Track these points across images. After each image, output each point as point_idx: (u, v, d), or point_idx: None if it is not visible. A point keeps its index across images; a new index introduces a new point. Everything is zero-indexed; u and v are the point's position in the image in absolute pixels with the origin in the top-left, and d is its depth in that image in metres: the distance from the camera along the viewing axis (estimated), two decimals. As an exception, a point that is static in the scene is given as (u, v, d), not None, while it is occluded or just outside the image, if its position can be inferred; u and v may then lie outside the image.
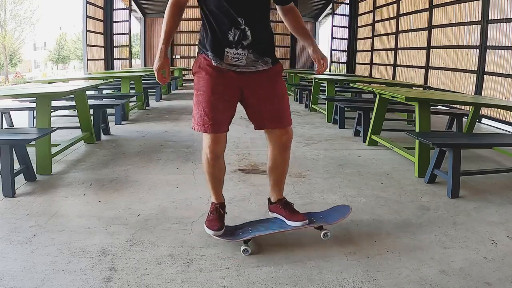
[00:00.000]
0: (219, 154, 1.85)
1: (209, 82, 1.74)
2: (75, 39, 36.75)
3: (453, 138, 3.12)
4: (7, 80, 24.78)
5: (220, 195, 2.02)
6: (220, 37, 1.70)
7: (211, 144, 1.79)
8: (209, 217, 1.97)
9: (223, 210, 1.99)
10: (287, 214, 1.96)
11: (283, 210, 1.98)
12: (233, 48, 1.71)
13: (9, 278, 1.60)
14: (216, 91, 1.74)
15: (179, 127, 5.10)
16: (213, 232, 1.89)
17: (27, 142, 2.68)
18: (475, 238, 2.07)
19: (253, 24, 1.70)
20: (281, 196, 2.02)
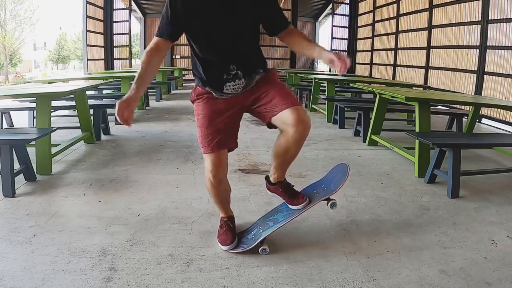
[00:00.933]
0: (221, 177, 1.81)
1: (208, 105, 1.76)
2: (75, 39, 36.74)
3: (453, 138, 3.12)
4: (7, 80, 24.78)
5: (229, 210, 2.02)
6: (216, 77, 1.71)
7: (213, 168, 1.75)
8: (219, 232, 1.95)
9: (232, 223, 1.98)
10: (287, 198, 1.93)
11: (283, 193, 1.94)
12: (230, 82, 1.71)
13: (9, 278, 1.60)
14: (216, 112, 1.75)
15: (179, 127, 5.10)
16: (227, 247, 1.87)
17: (27, 142, 2.68)
18: (475, 238, 2.07)
19: (244, 66, 1.71)
20: (282, 178, 1.94)
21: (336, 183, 1.91)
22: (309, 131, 1.73)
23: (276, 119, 1.72)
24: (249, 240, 1.90)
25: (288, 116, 1.67)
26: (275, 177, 1.93)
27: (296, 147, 1.75)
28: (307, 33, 12.19)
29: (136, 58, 24.53)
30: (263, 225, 1.94)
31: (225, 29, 1.62)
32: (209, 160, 1.75)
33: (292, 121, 1.66)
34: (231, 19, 1.61)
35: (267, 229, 1.89)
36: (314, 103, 6.74)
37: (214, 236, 2.00)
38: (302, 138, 1.72)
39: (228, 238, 1.88)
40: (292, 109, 1.67)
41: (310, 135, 4.97)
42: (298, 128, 1.67)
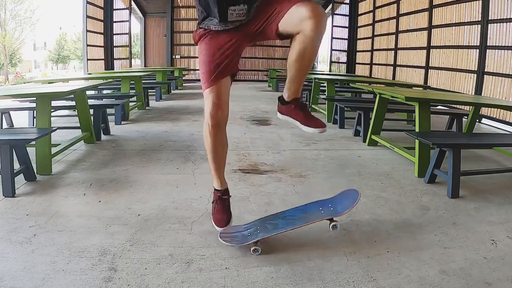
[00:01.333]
0: (221, 121, 1.73)
1: (210, 42, 1.70)
2: (75, 39, 36.75)
3: (453, 138, 3.12)
4: (7, 80, 24.79)
5: (223, 179, 1.93)
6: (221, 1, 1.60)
7: (213, 107, 1.68)
8: (214, 209, 1.91)
9: (226, 197, 1.92)
10: (302, 117, 1.70)
11: (299, 112, 1.70)
12: (235, 6, 1.60)
13: (9, 278, 1.60)
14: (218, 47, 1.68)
15: (179, 127, 5.10)
16: (222, 229, 1.86)
17: (27, 142, 2.68)
18: (475, 238, 2.07)
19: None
20: (298, 95, 1.72)
21: (343, 207, 1.89)
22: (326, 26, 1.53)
23: (284, 21, 1.55)
24: (244, 237, 1.90)
25: (299, 10, 1.49)
26: (289, 93, 1.71)
27: (313, 45, 1.53)
28: (307, 33, 11.90)
29: (136, 58, 24.52)
30: (262, 227, 1.94)
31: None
32: (209, 98, 1.69)
33: (305, 13, 1.46)
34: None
35: (265, 232, 1.88)
36: (314, 103, 6.74)
37: (214, 236, 2.00)
38: (319, 31, 1.49)
39: (223, 217, 1.85)
40: (301, 4, 1.49)
41: (310, 135, 4.96)
42: (314, 20, 1.45)
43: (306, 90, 7.36)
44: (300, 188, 2.81)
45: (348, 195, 1.97)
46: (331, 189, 2.78)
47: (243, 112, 6.43)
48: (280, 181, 2.95)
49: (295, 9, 1.50)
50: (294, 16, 1.51)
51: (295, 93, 1.71)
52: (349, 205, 1.87)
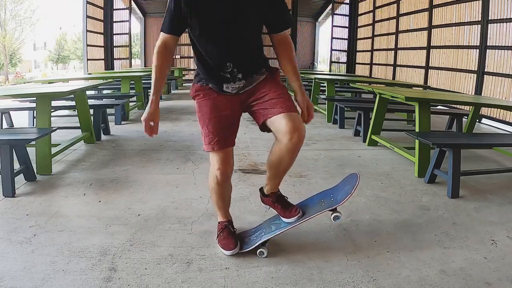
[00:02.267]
0: (229, 174, 1.79)
1: (209, 103, 1.74)
2: (75, 39, 36.73)
3: (453, 138, 3.12)
4: (7, 80, 24.79)
5: (228, 213, 1.99)
6: (214, 74, 1.70)
7: (221, 165, 1.73)
8: (220, 237, 1.90)
9: (232, 227, 1.95)
10: (280, 210, 1.87)
11: (277, 205, 1.88)
12: (230, 83, 1.70)
13: (9, 278, 1.60)
14: (217, 109, 1.72)
15: (179, 127, 5.10)
16: (231, 252, 1.84)
17: (27, 142, 2.68)
18: (475, 238, 2.07)
19: (241, 64, 1.68)
20: (275, 190, 1.89)
21: (343, 194, 1.81)
22: (303, 141, 1.68)
23: (270, 122, 1.68)
24: (251, 241, 1.89)
25: (282, 123, 1.61)
26: (268, 188, 1.89)
27: (290, 157, 1.69)
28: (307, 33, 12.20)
29: (136, 58, 24.52)
30: (267, 228, 1.93)
31: (224, 26, 1.59)
32: (215, 158, 1.73)
33: (286, 128, 1.60)
34: (231, 16, 1.58)
35: (269, 232, 1.87)
36: (314, 103, 6.74)
37: (214, 236, 2.00)
38: (295, 148, 1.66)
39: (231, 242, 1.85)
40: (288, 115, 1.62)
41: (310, 135, 4.98)
42: (292, 137, 1.61)
43: (306, 90, 7.36)
44: (300, 188, 2.81)
45: (348, 181, 1.89)
46: (331, 189, 2.78)
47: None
48: (280, 181, 2.95)
49: (280, 120, 1.63)
50: (277, 125, 1.64)
51: (272, 188, 1.88)
52: (349, 191, 1.78)
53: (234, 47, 1.65)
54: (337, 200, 1.81)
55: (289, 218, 1.83)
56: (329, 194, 1.91)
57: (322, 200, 1.89)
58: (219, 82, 1.70)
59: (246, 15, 1.62)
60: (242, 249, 1.86)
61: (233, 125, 1.78)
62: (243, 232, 2.02)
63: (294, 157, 1.72)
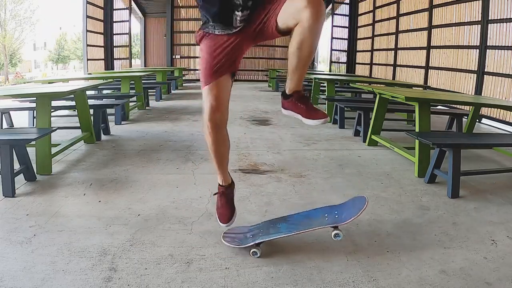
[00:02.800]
0: (219, 122, 1.72)
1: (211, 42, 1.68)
2: (75, 39, 36.74)
3: (453, 138, 3.12)
4: (7, 80, 24.78)
5: (226, 173, 1.91)
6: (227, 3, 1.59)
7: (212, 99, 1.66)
8: (217, 204, 1.89)
9: (231, 193, 1.91)
10: (303, 111, 1.64)
11: (299, 105, 1.65)
12: (239, 11, 1.59)
13: (9, 278, 1.60)
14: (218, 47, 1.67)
15: (179, 127, 5.10)
16: (224, 225, 1.85)
17: (27, 142, 2.68)
18: (475, 238, 2.07)
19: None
20: (299, 87, 1.67)
21: (349, 214, 1.79)
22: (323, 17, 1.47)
23: (282, 15, 1.51)
24: (246, 238, 1.90)
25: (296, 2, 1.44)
26: (291, 86, 1.66)
27: (312, 35, 1.47)
28: (307, 33, 11.90)
29: (136, 58, 24.52)
30: (265, 229, 1.93)
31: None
32: (208, 99, 1.67)
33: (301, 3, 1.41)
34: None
35: (266, 235, 1.87)
36: (314, 103, 6.74)
37: (214, 236, 2.00)
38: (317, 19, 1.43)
39: (227, 212, 1.82)
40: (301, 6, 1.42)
41: (310, 135, 4.96)
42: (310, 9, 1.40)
43: (306, 90, 7.35)
44: (300, 188, 2.81)
45: (356, 202, 1.87)
46: (331, 189, 2.78)
47: (243, 112, 6.43)
48: (280, 181, 2.95)
49: (291, 3, 1.47)
50: (291, 8, 1.46)
51: (296, 86, 1.66)
52: (354, 213, 1.77)
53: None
54: (341, 218, 1.80)
55: (312, 120, 1.61)
56: (334, 210, 1.89)
57: (326, 215, 1.88)
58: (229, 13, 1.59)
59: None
60: (233, 244, 1.86)
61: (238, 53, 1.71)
62: (240, 227, 2.02)
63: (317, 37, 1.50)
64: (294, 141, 4.36)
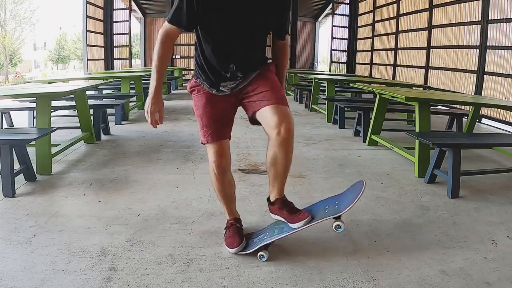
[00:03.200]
0: (225, 167, 1.82)
1: (204, 97, 1.76)
2: (75, 39, 36.73)
3: (453, 138, 3.12)
4: (7, 80, 24.78)
5: (234, 211, 1.98)
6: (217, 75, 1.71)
7: (216, 157, 1.77)
8: (226, 234, 1.91)
9: (239, 224, 1.93)
10: (286, 216, 1.78)
11: (283, 211, 1.78)
12: (227, 82, 1.72)
13: (9, 278, 1.60)
14: (212, 104, 1.76)
15: (179, 127, 5.10)
16: (235, 250, 1.83)
17: (27, 142, 2.68)
18: (475, 238, 2.07)
19: (243, 66, 1.71)
20: (280, 195, 1.80)
21: (347, 202, 1.76)
22: (293, 134, 1.64)
23: (259, 115, 1.68)
24: (254, 243, 1.88)
25: (269, 115, 1.61)
26: (274, 194, 1.81)
27: (283, 153, 1.64)
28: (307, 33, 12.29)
29: (136, 58, 24.51)
30: (270, 231, 1.90)
31: (238, 28, 1.61)
32: (211, 150, 1.77)
33: (273, 122, 1.59)
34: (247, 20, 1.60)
35: (271, 236, 1.85)
36: (314, 103, 6.74)
37: (214, 236, 2.00)
38: (286, 141, 1.62)
39: (235, 240, 1.84)
40: (275, 108, 1.60)
41: (310, 135, 4.94)
42: (280, 130, 1.59)
43: (306, 90, 7.36)
44: (300, 188, 2.81)
45: (355, 188, 1.84)
46: (331, 189, 2.78)
47: (243, 112, 6.41)
48: (280, 181, 2.94)
49: (267, 112, 1.63)
50: (264, 118, 1.64)
51: (277, 194, 1.79)
52: (352, 199, 1.73)
53: (242, 50, 1.68)
54: (340, 208, 1.77)
55: (296, 223, 1.75)
56: (334, 201, 1.86)
57: (326, 207, 1.84)
58: (217, 80, 1.71)
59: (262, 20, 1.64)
60: (244, 251, 1.85)
61: (228, 119, 1.81)
62: (247, 234, 1.99)
63: (288, 152, 1.67)
64: (294, 141, 4.35)
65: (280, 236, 1.82)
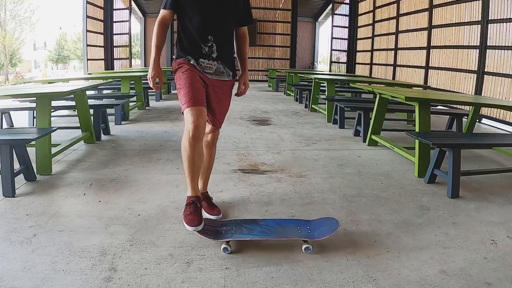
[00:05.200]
0: (201, 133, 1.99)
1: (188, 71, 2.07)
2: (75, 39, 36.74)
3: (453, 138, 3.12)
4: (7, 80, 24.78)
5: (197, 187, 2.06)
6: (196, 49, 2.08)
7: (195, 117, 1.95)
8: (185, 211, 1.97)
9: (199, 203, 2.01)
10: (205, 207, 2.26)
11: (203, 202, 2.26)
12: (205, 59, 2.09)
13: (9, 278, 1.60)
14: (193, 76, 2.06)
15: (179, 127, 5.10)
16: (193, 229, 1.90)
17: (27, 142, 2.68)
18: (475, 238, 2.07)
19: (218, 42, 2.09)
20: (204, 190, 2.35)
21: (320, 233, 1.92)
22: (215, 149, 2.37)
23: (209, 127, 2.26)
24: (218, 233, 1.94)
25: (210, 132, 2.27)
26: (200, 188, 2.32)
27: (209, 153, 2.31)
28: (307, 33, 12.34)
29: (136, 58, 24.52)
30: (238, 228, 1.97)
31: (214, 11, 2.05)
32: (190, 114, 1.96)
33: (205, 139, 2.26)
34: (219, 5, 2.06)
35: (240, 234, 1.92)
36: (314, 103, 6.74)
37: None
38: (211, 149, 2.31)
39: (195, 219, 1.91)
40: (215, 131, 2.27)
41: (310, 135, 4.96)
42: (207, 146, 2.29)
43: (306, 90, 7.36)
44: (300, 188, 2.81)
45: (327, 223, 2.03)
46: (331, 189, 2.78)
47: (243, 112, 6.43)
48: (280, 181, 2.95)
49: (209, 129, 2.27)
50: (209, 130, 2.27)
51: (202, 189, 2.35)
52: (326, 233, 1.91)
53: (217, 23, 2.07)
54: (313, 234, 1.92)
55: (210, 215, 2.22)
56: (306, 225, 2.02)
57: (299, 227, 1.99)
58: (197, 54, 2.08)
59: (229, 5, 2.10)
60: (207, 237, 1.90)
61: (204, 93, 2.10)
62: (211, 220, 2.10)
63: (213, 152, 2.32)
64: (294, 141, 4.36)
65: (249, 237, 1.90)
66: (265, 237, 1.90)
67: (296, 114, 6.47)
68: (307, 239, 1.89)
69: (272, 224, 2.03)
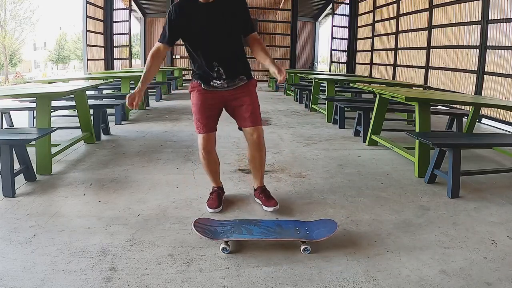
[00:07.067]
0: (210, 149, 2.30)
1: (199, 97, 2.25)
2: (75, 39, 36.72)
3: (453, 138, 3.12)
4: (7, 80, 24.77)
5: (218, 180, 2.49)
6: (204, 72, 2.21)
7: (203, 142, 2.27)
8: (209, 198, 2.42)
9: (222, 191, 2.47)
10: (262, 200, 2.39)
11: (261, 196, 2.41)
12: (216, 80, 2.21)
13: (9, 278, 1.60)
14: (204, 103, 2.24)
15: (179, 127, 5.10)
16: (213, 211, 2.30)
17: (27, 142, 2.68)
18: (475, 238, 2.07)
19: (224, 64, 2.18)
20: (261, 184, 2.45)
21: (319, 234, 1.94)
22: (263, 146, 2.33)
23: (243, 130, 2.31)
24: (217, 233, 1.94)
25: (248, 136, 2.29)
26: (256, 183, 2.47)
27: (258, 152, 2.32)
28: (307, 33, 12.35)
29: (136, 58, 24.50)
30: (237, 228, 1.98)
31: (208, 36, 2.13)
32: (200, 137, 2.27)
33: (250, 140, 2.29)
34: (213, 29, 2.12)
35: (238, 234, 1.92)
36: (314, 103, 6.74)
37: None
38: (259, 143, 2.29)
39: (215, 203, 2.34)
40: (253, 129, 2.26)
41: (310, 135, 4.97)
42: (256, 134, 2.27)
43: (306, 90, 7.36)
44: (300, 187, 2.81)
45: (325, 224, 2.04)
46: (331, 189, 2.78)
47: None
48: (280, 181, 2.95)
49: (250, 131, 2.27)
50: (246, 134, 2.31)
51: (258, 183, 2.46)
52: (325, 234, 1.92)
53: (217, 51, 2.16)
54: (312, 236, 1.94)
55: (267, 207, 2.34)
56: (305, 226, 2.04)
57: (297, 228, 2.01)
58: (208, 78, 2.21)
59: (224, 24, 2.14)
60: (204, 235, 1.90)
61: (216, 115, 2.31)
62: (211, 220, 2.09)
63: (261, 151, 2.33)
64: (294, 141, 4.36)
65: (248, 238, 1.91)
66: (263, 238, 1.91)
67: (296, 114, 6.47)
68: (305, 240, 1.90)
69: (270, 224, 2.04)
